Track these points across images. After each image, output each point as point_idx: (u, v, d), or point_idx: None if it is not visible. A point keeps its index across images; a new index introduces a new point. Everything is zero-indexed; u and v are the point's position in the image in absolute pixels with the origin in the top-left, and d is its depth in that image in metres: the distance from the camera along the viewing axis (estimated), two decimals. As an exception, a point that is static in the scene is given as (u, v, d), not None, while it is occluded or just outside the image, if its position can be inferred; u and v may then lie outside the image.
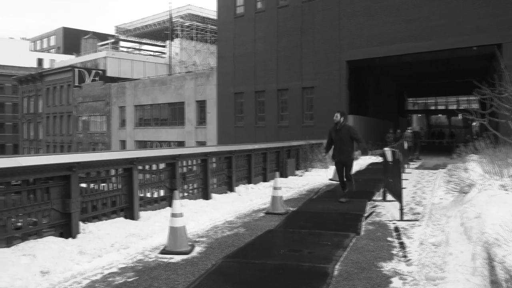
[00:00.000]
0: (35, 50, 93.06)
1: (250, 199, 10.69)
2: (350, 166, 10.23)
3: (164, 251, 6.08)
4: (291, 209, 9.47)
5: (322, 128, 25.15)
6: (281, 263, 5.62)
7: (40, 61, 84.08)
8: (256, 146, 13.79)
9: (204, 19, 55.68)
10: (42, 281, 4.91)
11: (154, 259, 5.85)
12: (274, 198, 9.08)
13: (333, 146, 10.34)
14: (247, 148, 13.20)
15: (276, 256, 5.95)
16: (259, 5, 31.32)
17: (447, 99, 58.98)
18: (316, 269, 5.34)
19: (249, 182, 12.98)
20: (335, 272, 5.22)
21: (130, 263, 5.66)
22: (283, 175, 14.93)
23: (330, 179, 14.74)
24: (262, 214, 8.93)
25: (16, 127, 67.19)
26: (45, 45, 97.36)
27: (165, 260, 5.79)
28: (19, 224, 6.02)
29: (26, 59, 79.74)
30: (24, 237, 5.90)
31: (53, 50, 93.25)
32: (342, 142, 10.03)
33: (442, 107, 60.78)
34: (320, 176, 15.81)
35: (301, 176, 15.99)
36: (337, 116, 10.04)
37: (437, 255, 5.76)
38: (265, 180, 13.95)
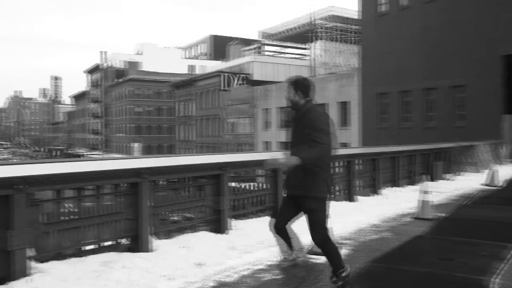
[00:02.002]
0: (187, 58, 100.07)
1: (396, 203, 10.35)
2: (314, 210, 4.61)
3: (311, 251, 6.12)
4: (441, 214, 8.96)
5: (475, 129, 23.46)
6: (431, 271, 5.35)
7: (191, 68, 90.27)
8: (402, 148, 13.31)
9: (346, 20, 55.19)
10: (198, 272, 5.24)
11: (302, 258, 5.93)
12: (422, 203, 8.67)
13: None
14: (393, 150, 12.79)
15: (426, 264, 5.68)
16: (403, 1, 30.18)
17: None
18: (471, 281, 4.99)
19: (395, 185, 12.56)
20: (494, 286, 4.83)
21: (277, 261, 5.81)
22: (432, 178, 14.20)
23: (483, 184, 13.70)
24: (409, 219, 8.59)
25: (172, 129, 72.92)
26: (196, 53, 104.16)
27: (312, 260, 5.83)
28: (176, 218, 6.55)
29: (180, 66, 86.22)
30: (181, 231, 6.39)
31: (204, 57, 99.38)
32: (296, 147, 4.71)
33: None
34: (471, 180, 14.77)
35: (451, 180, 15.07)
36: (290, 92, 4.82)
37: None
38: (411, 183, 13.39)
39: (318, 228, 4.59)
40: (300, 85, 4.74)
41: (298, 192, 4.62)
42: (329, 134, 4.45)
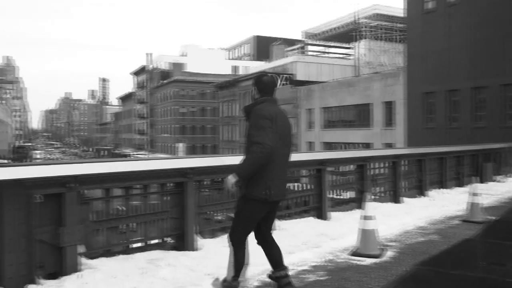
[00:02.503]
0: (231, 59, 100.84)
1: (443, 205, 10.08)
2: (242, 210, 4.33)
3: (354, 253, 6.07)
4: (492, 217, 8.66)
5: (527, 129, 22.61)
6: (483, 276, 5.18)
7: (235, 68, 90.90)
8: (450, 149, 12.97)
9: (391, 18, 54.23)
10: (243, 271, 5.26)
11: (344, 260, 5.88)
12: (472, 205, 8.41)
13: None
14: (440, 151, 12.48)
15: (476, 268, 5.51)
16: (452, -3, 29.38)
17: None
18: (525, 286, 4.82)
19: (442, 187, 12.25)
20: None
21: (321, 262, 5.78)
22: (481, 180, 13.75)
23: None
24: (457, 222, 8.35)
25: (215, 129, 73.65)
26: (239, 53, 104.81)
27: (355, 262, 5.78)
28: (220, 218, 6.60)
29: (223, 67, 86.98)
30: (226, 230, 6.43)
31: (247, 57, 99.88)
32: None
33: None
34: (524, 182, 14.25)
35: (502, 182, 14.56)
36: (252, 90, 4.62)
37: None
38: (459, 185, 13.02)
39: (238, 226, 4.32)
40: (257, 82, 4.45)
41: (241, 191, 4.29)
42: (272, 133, 4.01)
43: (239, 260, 4.33)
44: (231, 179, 4.04)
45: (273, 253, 4.42)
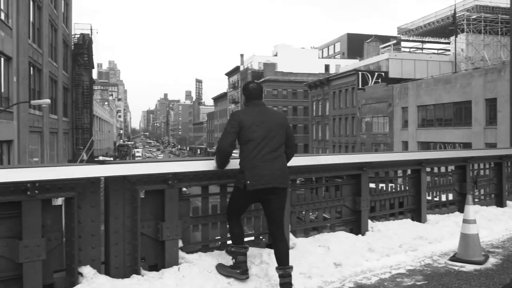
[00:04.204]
0: (323, 57, 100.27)
1: (556, 210, 9.32)
2: (231, 194, 5.03)
3: (454, 258, 5.80)
4: None
5: None
6: None
7: (326, 67, 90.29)
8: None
9: (493, 9, 51.07)
10: (335, 272, 5.22)
11: (443, 265, 5.63)
12: None
13: None
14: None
15: None
16: None
17: None
18: None
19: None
20: None
21: (418, 266, 5.58)
22: None
23: None
24: None
25: (307, 129, 73.67)
26: (331, 52, 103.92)
27: (455, 267, 5.51)
28: (313, 217, 6.59)
29: (315, 66, 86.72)
30: (318, 230, 6.42)
31: (338, 56, 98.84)
32: None
33: None
34: None
35: None
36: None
37: None
38: None
39: (228, 206, 4.96)
40: (244, 89, 4.94)
41: None
42: (230, 133, 4.58)
43: (233, 231, 4.96)
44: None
45: (277, 249, 4.66)
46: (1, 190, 3.86)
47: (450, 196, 8.67)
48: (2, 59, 22.40)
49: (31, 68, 27.37)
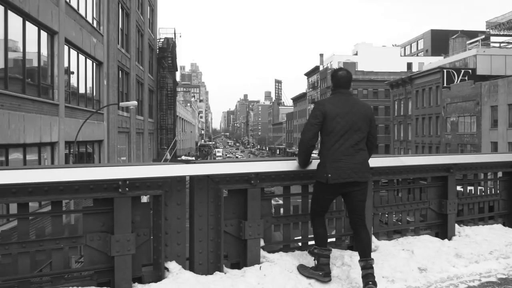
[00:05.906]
0: (405, 55, 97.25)
1: None
2: (313, 191, 5.11)
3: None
4: None
5: None
6: None
7: (409, 65, 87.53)
8: None
9: None
10: (419, 277, 5.06)
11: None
12: None
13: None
14: None
15: None
16: None
17: None
18: None
19: None
20: None
21: (511, 275, 5.27)
22: None
23: None
24: None
25: (388, 129, 71.85)
26: (413, 50, 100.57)
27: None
28: (395, 219, 6.41)
29: (397, 64, 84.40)
30: (402, 233, 6.24)
31: (421, 53, 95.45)
32: None
33: None
34: None
35: None
36: None
37: None
38: None
39: (311, 204, 4.94)
40: (332, 77, 4.81)
41: None
42: (313, 125, 4.55)
43: (316, 230, 4.88)
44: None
45: (360, 240, 4.69)
46: (95, 187, 4.11)
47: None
48: (94, 64, 23.82)
49: (120, 71, 28.88)
